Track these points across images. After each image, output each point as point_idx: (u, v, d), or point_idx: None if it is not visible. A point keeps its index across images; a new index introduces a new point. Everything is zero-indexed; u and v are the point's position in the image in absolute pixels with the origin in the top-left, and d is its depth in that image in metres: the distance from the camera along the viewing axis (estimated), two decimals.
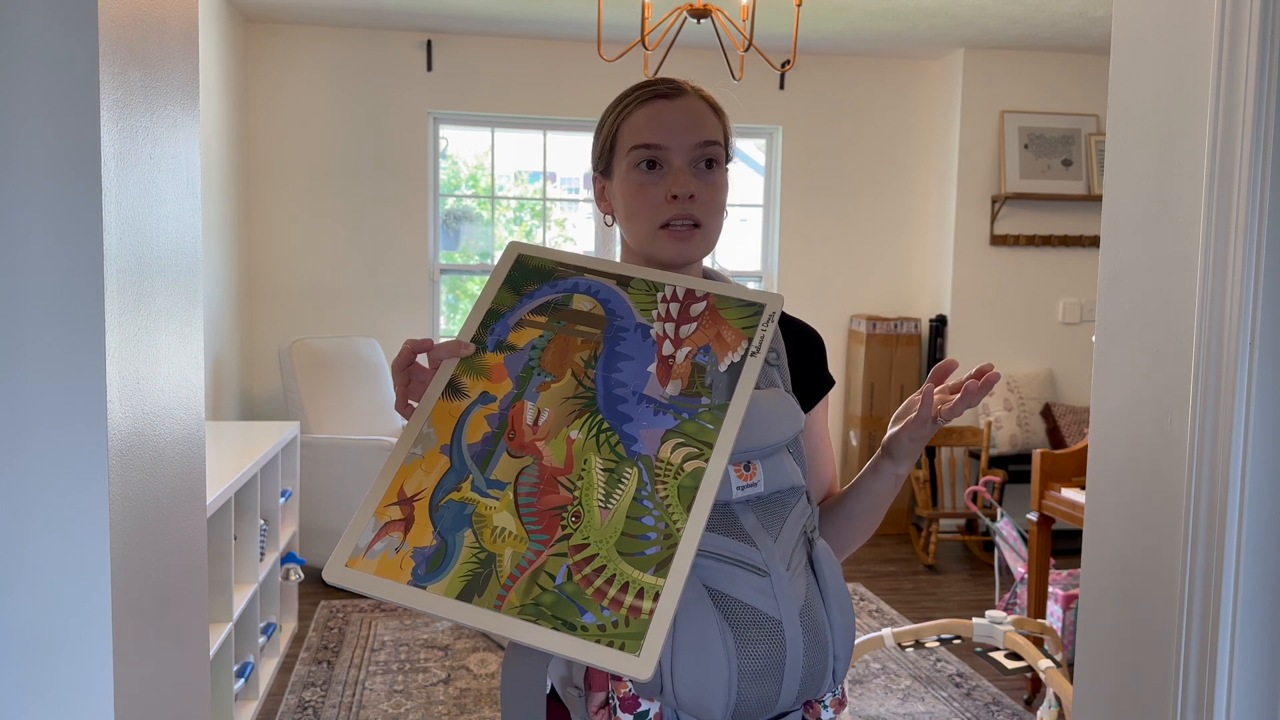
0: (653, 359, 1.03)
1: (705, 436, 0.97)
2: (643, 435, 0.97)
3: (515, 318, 1.06)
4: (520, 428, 0.99)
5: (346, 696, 3.26)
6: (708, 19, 3.36)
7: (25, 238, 1.03)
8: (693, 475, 0.95)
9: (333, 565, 0.92)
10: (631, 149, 1.17)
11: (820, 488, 1.33)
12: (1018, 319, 5.26)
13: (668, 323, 1.06)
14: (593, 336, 1.04)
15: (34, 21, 1.02)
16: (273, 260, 4.94)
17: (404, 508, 0.95)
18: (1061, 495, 3.23)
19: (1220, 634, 1.29)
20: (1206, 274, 1.31)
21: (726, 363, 1.02)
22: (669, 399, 1.00)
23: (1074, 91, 5.14)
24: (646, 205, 1.16)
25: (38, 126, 1.03)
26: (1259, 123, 1.25)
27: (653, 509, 0.93)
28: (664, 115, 1.17)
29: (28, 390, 1.05)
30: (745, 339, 1.04)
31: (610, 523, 0.92)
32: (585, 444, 0.97)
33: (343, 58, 4.91)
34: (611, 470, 0.95)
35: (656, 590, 0.88)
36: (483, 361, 1.04)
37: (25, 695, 1.07)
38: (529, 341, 1.05)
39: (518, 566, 0.90)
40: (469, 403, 1.01)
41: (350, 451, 4.18)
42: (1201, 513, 1.32)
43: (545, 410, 0.99)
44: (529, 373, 1.02)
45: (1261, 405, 1.27)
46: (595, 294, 1.08)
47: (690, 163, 1.16)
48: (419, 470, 0.97)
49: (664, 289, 1.08)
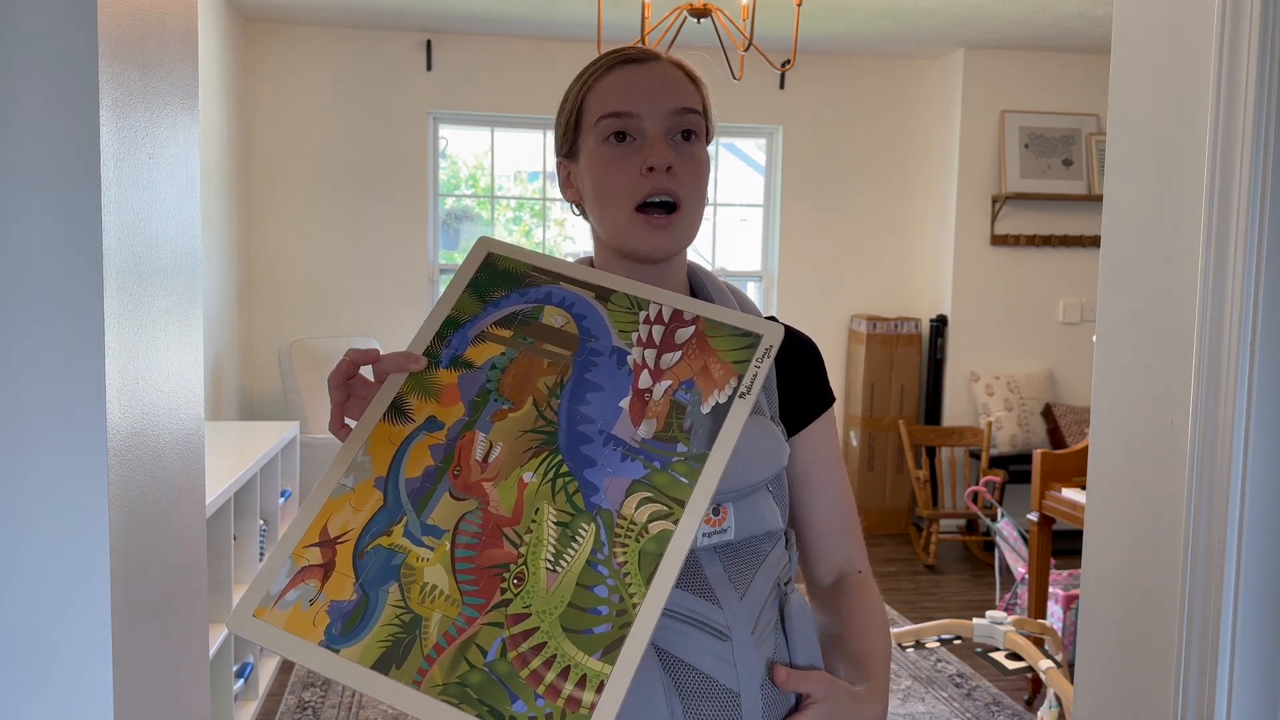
0: (627, 392, 0.89)
1: (677, 492, 0.84)
2: (606, 484, 0.85)
3: (476, 329, 0.94)
4: (467, 464, 0.86)
5: (346, 696, 3.26)
6: (708, 19, 3.35)
7: (25, 237, 1.03)
8: (658, 539, 0.81)
9: (238, 614, 0.81)
10: (599, 119, 1.01)
11: (816, 535, 1.12)
12: (1018, 319, 5.26)
13: (648, 349, 0.92)
14: (561, 359, 0.91)
15: (34, 22, 1.02)
16: (273, 260, 4.94)
17: (325, 550, 0.83)
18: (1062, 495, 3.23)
19: (1220, 634, 1.29)
20: (1206, 274, 1.31)
21: (711, 403, 0.88)
22: (640, 442, 0.87)
23: (1074, 91, 5.14)
24: (618, 182, 1.00)
25: (38, 126, 1.03)
26: (1259, 123, 1.25)
27: (608, 576, 0.80)
28: (635, 80, 1.01)
29: (27, 390, 1.05)
30: (735, 375, 0.90)
31: (557, 590, 0.80)
32: (539, 489, 0.84)
33: (342, 58, 4.91)
34: (565, 525, 0.83)
35: (601, 679, 0.75)
36: (434, 379, 0.91)
37: (25, 695, 1.07)
38: (489, 359, 0.92)
39: (445, 635, 0.78)
40: (413, 428, 0.88)
41: None
42: (1202, 513, 1.32)
43: (498, 444, 0.87)
44: (484, 397, 0.90)
45: (1261, 405, 1.27)
46: (569, 308, 0.95)
47: (666, 132, 1.00)
48: (347, 506, 0.85)
49: (648, 308, 0.94)
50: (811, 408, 1.12)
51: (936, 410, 5.32)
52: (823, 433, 1.12)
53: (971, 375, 5.20)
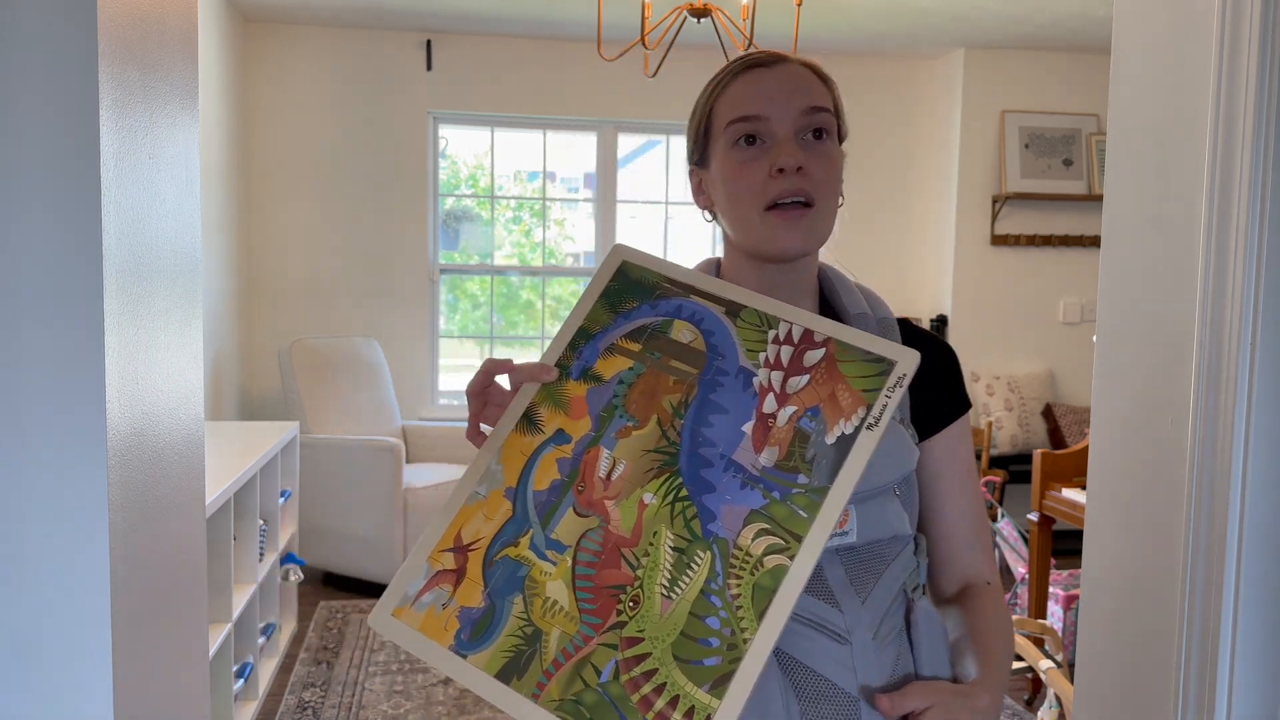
0: (750, 415, 0.87)
1: (795, 526, 0.82)
2: (723, 512, 0.83)
3: (607, 341, 0.93)
4: (591, 480, 0.87)
5: (346, 697, 3.26)
6: (708, 18, 3.35)
7: (25, 237, 1.03)
8: (773, 574, 0.80)
9: (379, 613, 0.86)
10: (728, 124, 1.02)
11: (945, 543, 1.09)
12: (1018, 319, 5.26)
13: (775, 371, 0.89)
14: (687, 377, 0.90)
15: (34, 22, 1.02)
16: (273, 260, 4.94)
17: (458, 556, 0.86)
18: (1062, 495, 3.23)
19: (1220, 634, 1.29)
20: (1207, 274, 1.31)
21: (836, 433, 0.85)
22: (761, 470, 0.85)
23: (1074, 91, 5.14)
24: (748, 185, 1.00)
25: (38, 126, 1.03)
26: (1260, 122, 1.25)
27: (720, 608, 0.80)
28: (763, 83, 1.02)
29: (27, 390, 1.04)
30: (864, 405, 0.86)
31: (670, 617, 0.80)
32: (658, 512, 0.84)
33: (342, 57, 4.91)
34: (681, 551, 0.82)
35: (709, 712, 0.76)
36: (564, 391, 0.92)
37: (25, 695, 1.07)
38: (617, 373, 0.92)
39: (563, 651, 0.80)
40: (542, 440, 0.90)
41: (350, 451, 4.18)
42: (1202, 513, 1.32)
43: (622, 462, 0.87)
44: (611, 412, 0.90)
45: (1261, 405, 1.27)
46: (699, 323, 0.93)
47: (796, 133, 1.00)
48: (480, 514, 0.88)
49: (778, 326, 0.92)
50: (945, 413, 1.11)
51: None
52: (955, 439, 1.10)
53: (972, 375, 5.20)
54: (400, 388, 5.01)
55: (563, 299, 5.41)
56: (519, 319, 5.43)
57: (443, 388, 5.27)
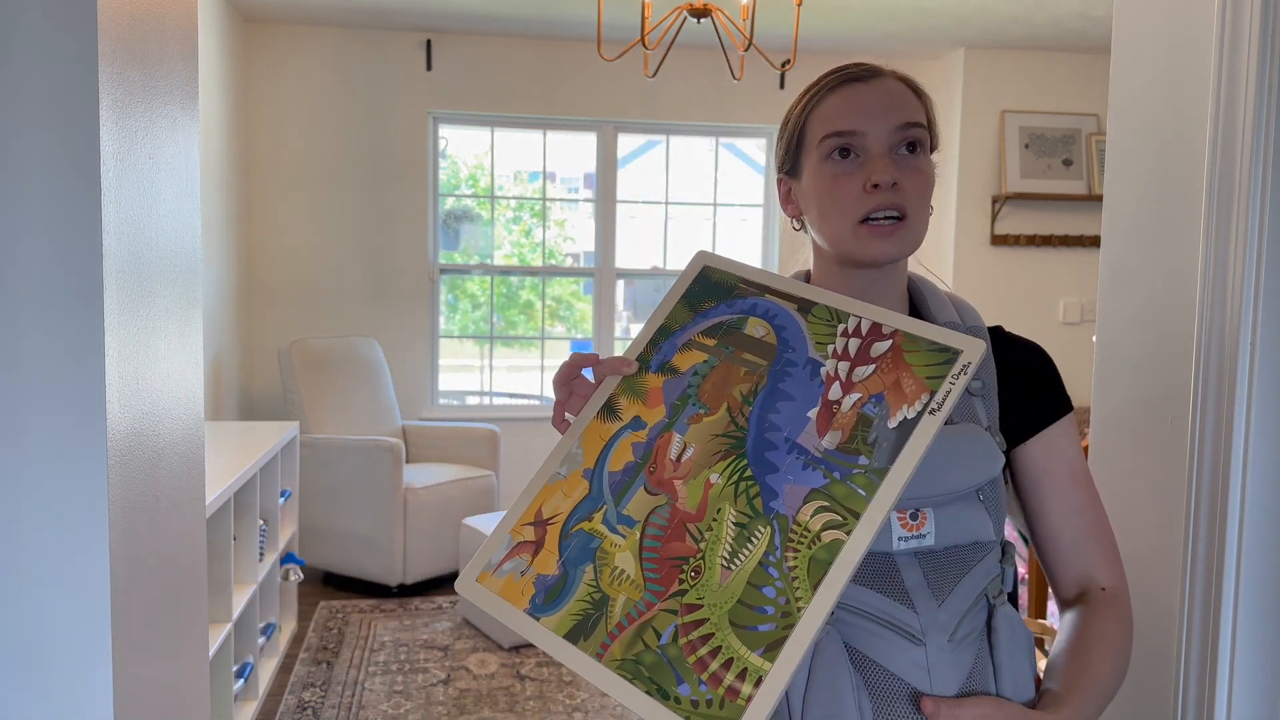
0: (816, 402, 0.91)
1: (853, 504, 0.85)
2: (785, 490, 0.88)
3: (685, 337, 1.00)
4: (662, 462, 0.93)
5: (346, 697, 3.26)
6: (708, 18, 3.35)
7: (25, 238, 1.03)
8: (828, 548, 0.84)
9: (465, 577, 0.93)
10: (823, 139, 1.04)
11: (1053, 545, 1.09)
12: (1018, 319, 5.25)
13: (842, 361, 0.93)
14: (758, 368, 0.95)
15: (34, 22, 1.02)
16: (273, 260, 4.94)
17: (538, 530, 0.93)
18: None
19: (1221, 634, 1.29)
20: (1207, 274, 1.31)
21: (899, 418, 0.88)
22: (823, 452, 0.89)
23: (1074, 91, 5.14)
24: (842, 199, 1.02)
25: (38, 127, 1.03)
26: (1259, 122, 1.25)
27: (777, 579, 0.84)
28: (859, 98, 1.04)
29: (27, 390, 1.04)
30: (928, 391, 0.89)
31: (729, 586, 0.84)
32: (723, 490, 0.89)
33: (342, 57, 4.91)
34: (743, 526, 0.87)
35: (760, 674, 0.79)
36: (642, 383, 0.98)
37: (25, 695, 1.07)
38: (692, 366, 0.97)
39: (627, 615, 0.85)
40: (620, 426, 0.96)
41: (350, 451, 4.18)
42: (1202, 513, 1.32)
43: (692, 445, 0.93)
44: (684, 401, 0.96)
45: (1262, 405, 1.27)
46: (772, 319, 0.98)
47: (890, 148, 1.02)
48: (559, 492, 0.94)
49: (847, 320, 0.96)
50: (1040, 416, 1.11)
51: None
52: (1054, 442, 1.10)
53: None
54: (400, 388, 5.01)
55: (562, 299, 5.41)
56: (519, 319, 5.43)
57: (443, 388, 5.27)
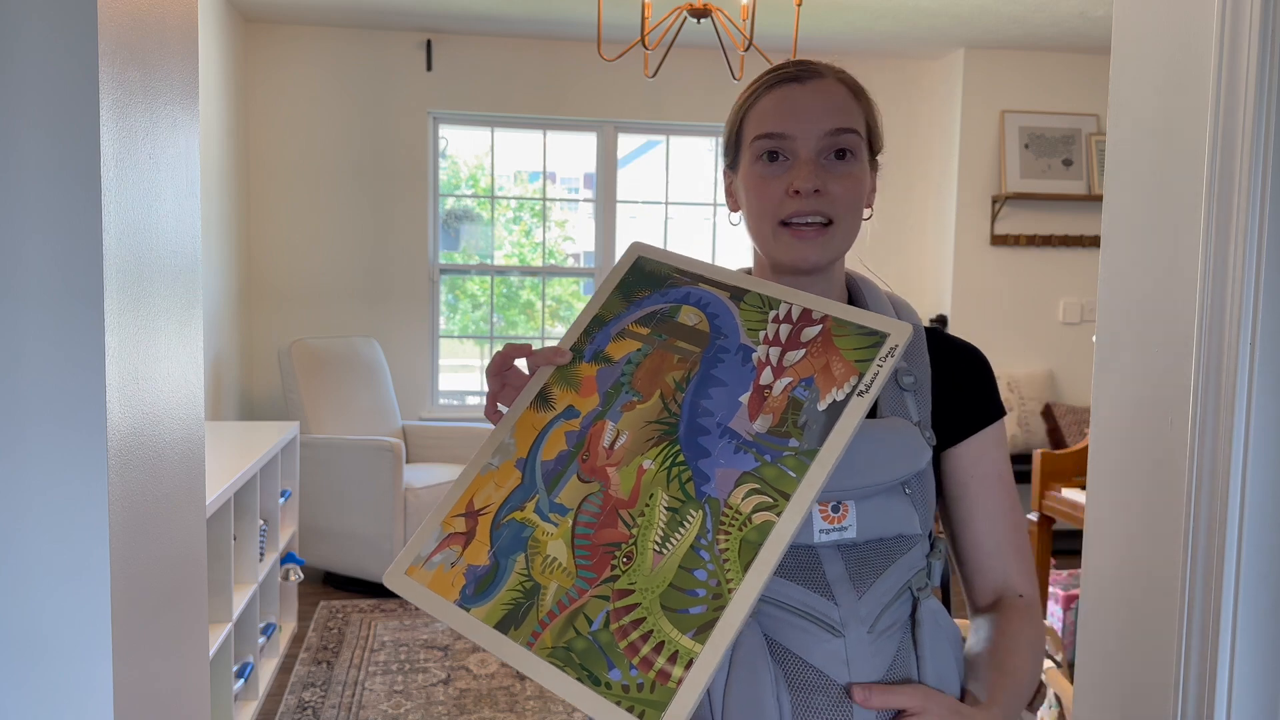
0: (748, 387, 0.92)
1: (784, 485, 0.86)
2: (717, 474, 0.88)
3: (619, 327, 1.00)
4: (596, 450, 0.92)
5: (346, 697, 3.26)
6: (708, 19, 3.35)
7: (25, 238, 1.03)
8: (759, 529, 0.84)
9: (394, 571, 0.91)
10: (755, 139, 1.04)
11: (975, 551, 1.09)
12: (1018, 319, 5.26)
13: (773, 347, 0.94)
14: (690, 355, 0.96)
15: (34, 22, 1.02)
16: (273, 260, 4.94)
17: (469, 520, 0.92)
18: (1062, 495, 3.23)
19: (1220, 634, 1.29)
20: (1207, 274, 1.31)
21: (828, 400, 0.89)
22: (754, 436, 0.89)
23: (1074, 91, 5.14)
24: (766, 200, 1.03)
25: (38, 126, 1.03)
26: (1259, 122, 1.25)
27: (708, 561, 0.83)
28: (791, 101, 1.03)
29: (27, 390, 1.04)
30: (856, 374, 0.90)
31: (660, 570, 0.84)
32: (655, 476, 0.89)
33: (343, 58, 4.91)
34: (675, 510, 0.87)
35: (691, 657, 0.79)
36: (576, 372, 0.98)
37: (25, 695, 1.07)
38: (625, 355, 0.98)
39: (559, 603, 0.85)
40: (553, 415, 0.96)
41: (350, 451, 4.18)
42: (1202, 513, 1.32)
43: (625, 433, 0.93)
44: (618, 389, 0.95)
45: (1262, 405, 1.27)
46: (704, 307, 0.99)
47: (819, 153, 1.03)
48: (491, 482, 0.94)
49: (779, 307, 0.96)
50: (972, 420, 1.10)
51: None
52: (985, 447, 1.09)
53: None
54: (400, 388, 5.00)
55: (563, 299, 5.41)
56: (519, 319, 5.43)
57: (443, 388, 5.27)
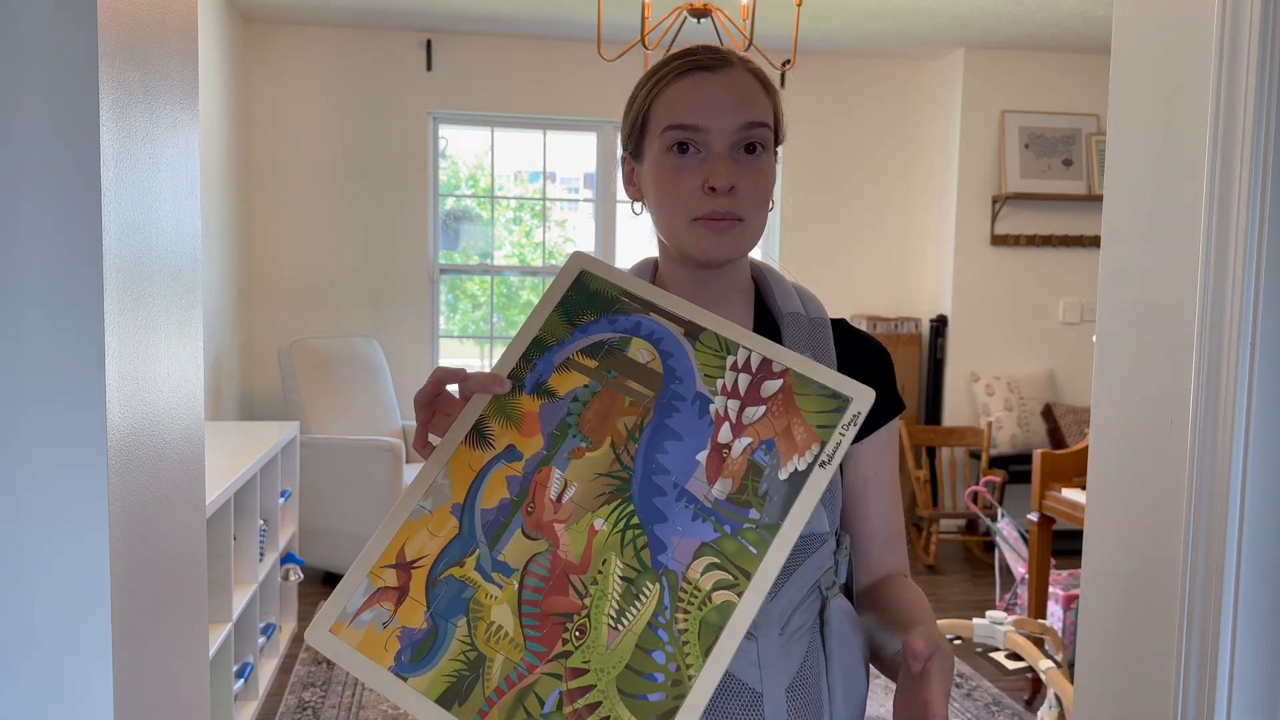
0: (705, 444, 0.86)
1: (744, 562, 0.81)
2: (674, 544, 0.82)
3: (562, 355, 0.90)
4: (541, 501, 0.84)
5: (346, 697, 3.26)
6: (708, 18, 3.36)
7: (25, 238, 1.03)
8: (720, 610, 0.79)
9: (316, 627, 0.82)
10: (665, 129, 1.00)
11: (867, 543, 1.09)
12: (1018, 319, 5.26)
13: (732, 399, 0.88)
14: (643, 399, 0.88)
15: (34, 21, 1.02)
16: (273, 260, 4.94)
17: (400, 574, 0.83)
18: (1062, 495, 3.23)
19: (1221, 634, 1.29)
20: (1207, 274, 1.31)
21: (789, 469, 0.85)
22: (713, 502, 0.84)
23: (1074, 91, 5.14)
24: (679, 195, 0.99)
25: (38, 126, 1.03)
26: (1259, 123, 1.25)
27: (667, 643, 0.79)
28: (704, 90, 0.99)
29: (27, 390, 1.04)
30: (819, 441, 0.86)
31: (617, 649, 0.79)
32: (609, 539, 0.83)
33: (342, 58, 4.91)
34: (631, 581, 0.81)
35: None
36: (516, 405, 0.88)
37: (25, 695, 1.07)
38: (571, 390, 0.89)
39: (507, 678, 0.78)
40: (492, 455, 0.86)
41: (350, 451, 4.18)
42: (1202, 513, 1.32)
43: (573, 485, 0.85)
44: (564, 431, 0.87)
45: (1262, 405, 1.27)
46: (657, 343, 0.90)
47: (731, 146, 0.99)
48: (424, 530, 0.84)
49: (737, 353, 0.90)
50: (874, 416, 1.07)
51: (936, 410, 5.32)
52: (885, 442, 1.09)
53: (971, 375, 5.20)
54: (400, 388, 5.00)
55: None
56: (519, 319, 5.43)
57: None
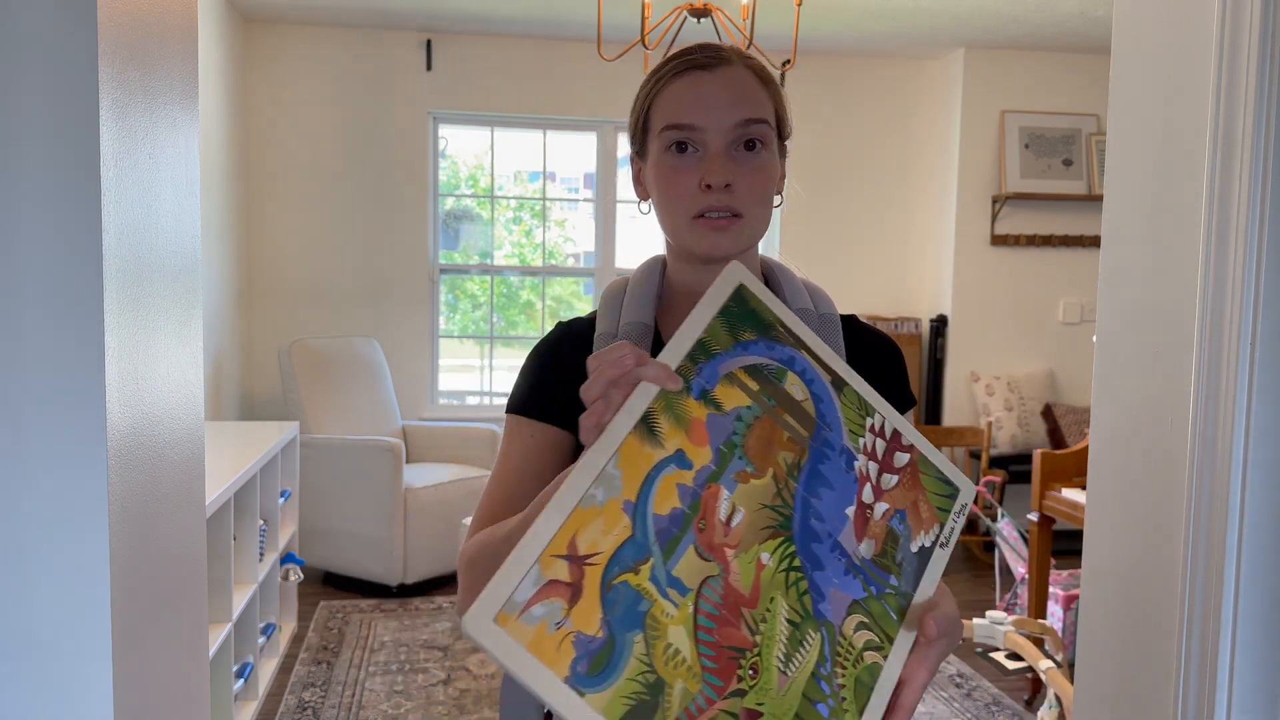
0: (852, 500, 0.85)
1: (887, 626, 0.81)
2: (831, 595, 0.80)
3: (726, 368, 0.85)
4: (712, 520, 0.79)
5: (346, 697, 3.26)
6: (708, 18, 3.36)
7: (25, 237, 1.03)
8: (870, 671, 0.78)
9: (478, 615, 0.69)
10: (663, 129, 1.02)
11: None
12: (1018, 319, 5.26)
13: (872, 461, 0.87)
14: (799, 438, 0.85)
15: (34, 21, 1.02)
16: (273, 260, 4.94)
17: (573, 568, 0.73)
18: (1062, 495, 3.23)
19: (1220, 634, 1.29)
20: (1207, 274, 1.31)
21: (918, 543, 0.86)
22: (861, 561, 0.83)
23: (1074, 91, 5.14)
24: (677, 194, 1.02)
25: (38, 126, 1.03)
26: (1259, 123, 1.24)
27: (829, 695, 0.77)
28: (700, 90, 1.01)
29: (27, 390, 1.04)
30: (938, 523, 0.88)
31: (787, 695, 0.76)
32: (775, 577, 0.79)
33: (342, 57, 4.91)
34: (796, 626, 0.78)
35: None
36: (685, 407, 0.81)
37: (25, 695, 1.07)
38: (735, 408, 0.83)
39: (686, 710, 0.73)
40: (663, 456, 0.79)
41: (350, 451, 4.18)
42: (1202, 513, 1.32)
43: (740, 509, 0.80)
44: (731, 450, 0.82)
45: (1262, 405, 1.27)
46: (809, 384, 0.88)
47: (729, 145, 1.01)
48: (598, 521, 0.75)
49: (874, 416, 0.90)
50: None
51: (936, 410, 5.32)
52: None
53: (971, 375, 5.20)
54: (400, 388, 5.01)
55: (563, 299, 5.41)
56: (519, 319, 5.43)
57: (443, 388, 5.27)
